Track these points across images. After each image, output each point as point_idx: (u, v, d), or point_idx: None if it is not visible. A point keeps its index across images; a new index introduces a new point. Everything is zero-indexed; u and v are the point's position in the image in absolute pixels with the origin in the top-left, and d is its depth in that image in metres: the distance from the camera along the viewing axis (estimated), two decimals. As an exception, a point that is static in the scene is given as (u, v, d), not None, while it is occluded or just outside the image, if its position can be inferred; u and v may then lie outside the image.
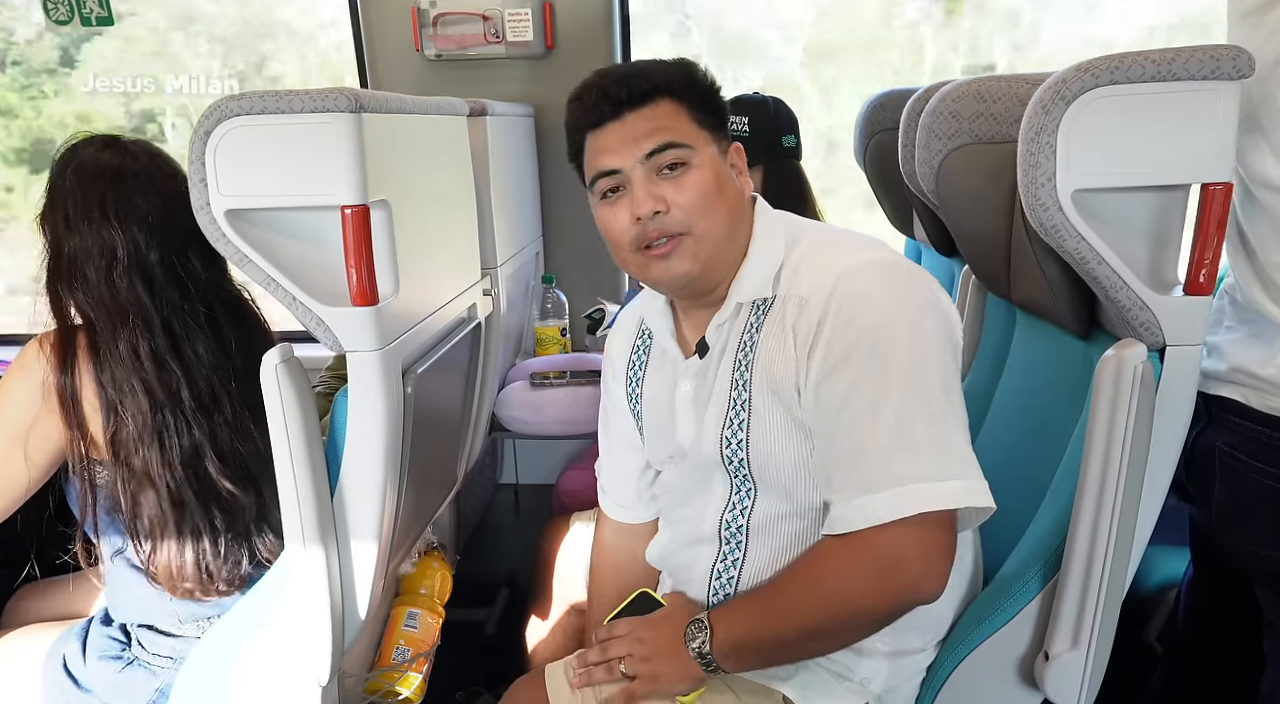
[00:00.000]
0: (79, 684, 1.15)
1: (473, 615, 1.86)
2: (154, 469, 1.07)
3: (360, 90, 0.89)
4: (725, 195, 0.93)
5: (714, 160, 0.93)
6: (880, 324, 0.85)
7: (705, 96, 0.95)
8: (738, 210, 0.95)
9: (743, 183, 0.97)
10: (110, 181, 1.07)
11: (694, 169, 0.91)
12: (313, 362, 1.02)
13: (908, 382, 0.83)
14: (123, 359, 1.05)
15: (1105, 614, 0.90)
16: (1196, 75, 0.77)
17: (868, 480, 0.83)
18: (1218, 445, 1.00)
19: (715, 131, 0.95)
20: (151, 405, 1.06)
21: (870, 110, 1.74)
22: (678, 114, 0.92)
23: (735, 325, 0.96)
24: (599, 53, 2.02)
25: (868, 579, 0.83)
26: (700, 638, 0.91)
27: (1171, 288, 0.86)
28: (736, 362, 0.95)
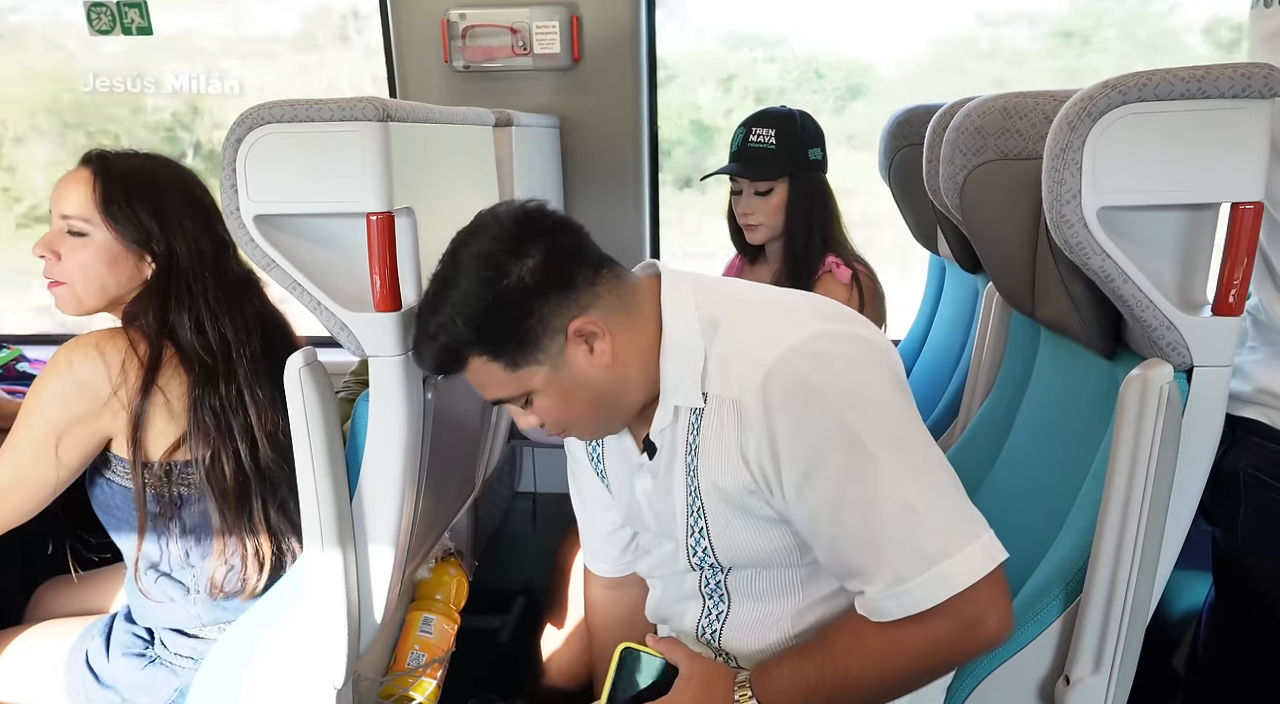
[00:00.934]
0: (100, 680, 1.17)
1: (488, 623, 1.86)
2: (215, 481, 1.10)
3: (387, 99, 0.90)
4: (582, 394, 0.88)
5: (550, 382, 0.87)
6: (829, 413, 0.79)
7: (507, 333, 0.84)
8: (606, 385, 0.88)
9: (603, 347, 0.86)
10: (201, 205, 1.13)
11: (536, 400, 0.88)
12: (336, 367, 1.03)
13: (888, 458, 0.79)
14: (227, 399, 1.09)
15: (1129, 639, 0.88)
16: (1226, 93, 0.76)
17: (898, 571, 0.78)
18: (1242, 467, 0.99)
19: (532, 355, 0.85)
20: (219, 428, 1.10)
21: (895, 125, 1.73)
22: (489, 369, 0.86)
23: (678, 428, 0.90)
24: (626, 65, 2.04)
25: (940, 649, 0.81)
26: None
27: (1199, 308, 0.85)
28: (687, 465, 0.91)
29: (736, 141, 1.65)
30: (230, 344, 1.10)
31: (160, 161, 1.15)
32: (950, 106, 1.27)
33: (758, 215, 1.63)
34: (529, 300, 0.84)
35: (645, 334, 0.89)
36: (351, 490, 1.03)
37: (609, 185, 2.12)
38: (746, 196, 1.64)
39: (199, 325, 1.09)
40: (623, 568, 1.15)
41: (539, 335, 0.85)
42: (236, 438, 1.11)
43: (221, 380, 1.09)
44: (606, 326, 0.86)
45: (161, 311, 1.09)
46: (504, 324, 0.84)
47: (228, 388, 1.09)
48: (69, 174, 1.11)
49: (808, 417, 0.80)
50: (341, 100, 0.89)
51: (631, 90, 2.05)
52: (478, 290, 0.83)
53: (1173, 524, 0.88)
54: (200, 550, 1.14)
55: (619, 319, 0.88)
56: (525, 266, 0.83)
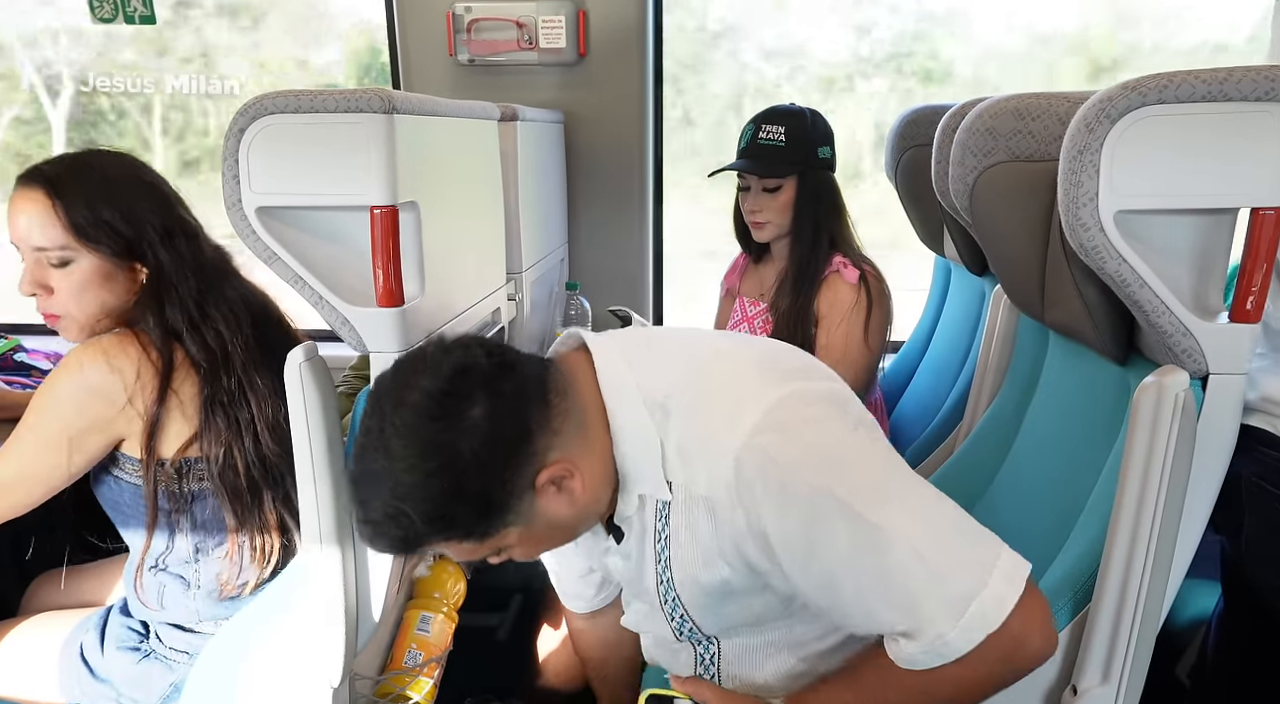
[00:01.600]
0: (95, 673, 1.16)
1: (485, 621, 1.84)
2: (228, 479, 1.08)
3: (393, 91, 0.89)
4: (557, 533, 0.83)
5: (524, 535, 0.80)
6: (812, 489, 0.74)
7: (469, 517, 0.76)
8: (582, 515, 0.82)
9: (575, 484, 0.79)
10: (157, 191, 1.09)
11: (509, 551, 0.83)
12: (336, 361, 1.02)
13: (886, 517, 0.74)
14: (231, 393, 1.07)
15: (1138, 649, 0.87)
16: (1250, 96, 0.75)
17: (934, 625, 0.75)
18: (1246, 476, 0.98)
19: (501, 522, 0.77)
20: (229, 425, 1.08)
21: (903, 126, 1.72)
22: (456, 547, 0.79)
23: (645, 514, 0.85)
24: (631, 61, 2.03)
25: (989, 680, 0.79)
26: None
27: (1216, 314, 0.84)
28: (657, 554, 0.86)
29: (745, 138, 1.64)
30: (224, 336, 1.08)
31: (99, 156, 1.09)
32: (961, 107, 1.26)
33: (765, 213, 1.62)
34: (487, 476, 0.74)
35: (599, 436, 0.81)
36: (351, 487, 1.01)
37: (613, 182, 2.11)
38: (754, 194, 1.62)
39: (193, 323, 1.07)
40: (599, 603, 1.11)
41: (505, 503, 0.76)
42: (243, 433, 1.09)
43: (224, 375, 1.07)
44: (573, 462, 0.78)
45: (161, 315, 1.06)
46: (465, 511, 0.75)
47: (230, 381, 1.08)
48: (19, 200, 1.04)
49: (790, 497, 0.75)
50: (346, 92, 0.87)
51: (637, 86, 2.04)
52: (426, 483, 0.72)
53: (1185, 533, 0.87)
54: (208, 546, 1.13)
55: (579, 443, 0.79)
56: (472, 441, 0.72)
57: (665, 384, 0.81)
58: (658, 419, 0.80)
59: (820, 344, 1.59)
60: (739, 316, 1.77)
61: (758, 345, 0.88)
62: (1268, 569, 1.00)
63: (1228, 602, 1.21)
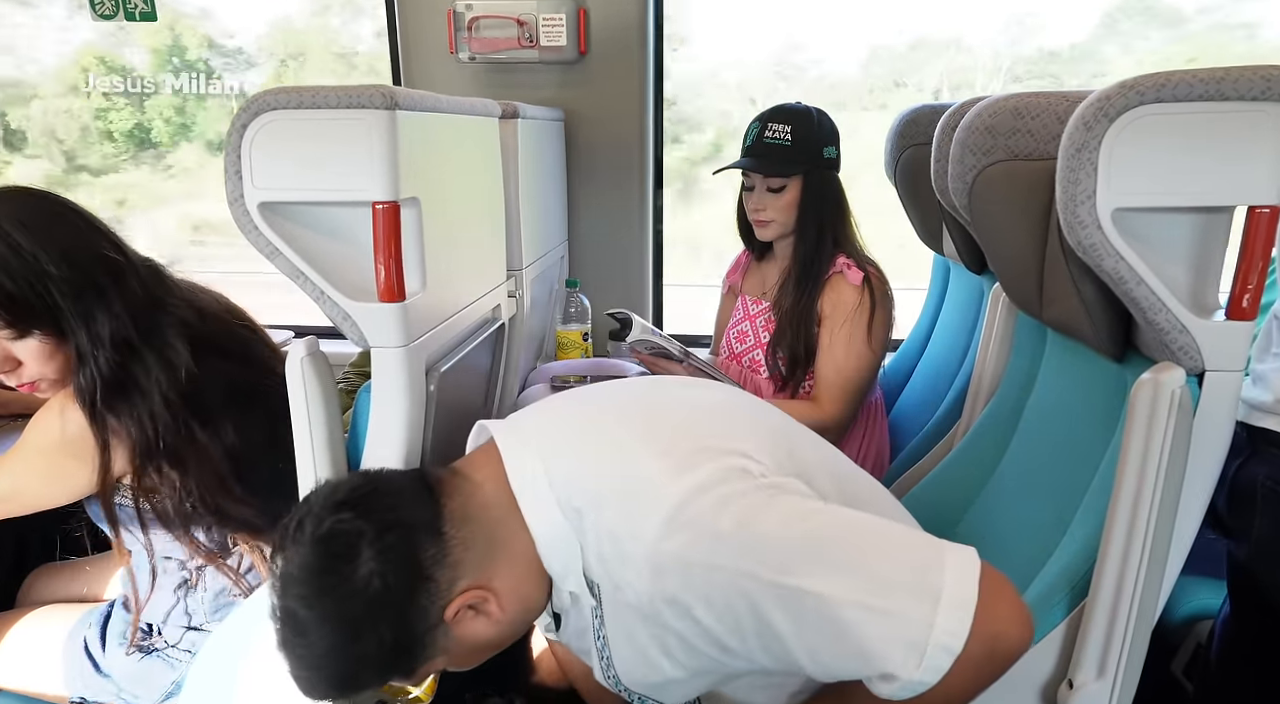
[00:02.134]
0: (98, 669, 1.16)
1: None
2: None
3: (395, 88, 0.89)
4: (486, 647, 0.84)
5: (454, 658, 0.83)
6: (736, 576, 0.72)
7: (390, 665, 0.80)
8: (508, 627, 0.83)
9: (492, 605, 0.81)
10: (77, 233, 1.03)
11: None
12: (336, 358, 1.03)
13: (818, 582, 0.72)
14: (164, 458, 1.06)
15: (1134, 644, 0.87)
16: (1246, 96, 0.76)
17: (902, 664, 0.72)
18: (1260, 479, 0.98)
19: (425, 659, 0.81)
20: (163, 479, 1.06)
21: (902, 125, 1.72)
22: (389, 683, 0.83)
23: (581, 607, 0.85)
24: (632, 60, 2.03)
25: (975, 685, 0.76)
26: None
27: (1212, 312, 0.84)
28: (599, 651, 0.86)
29: (750, 136, 1.64)
30: (153, 408, 1.03)
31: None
32: (960, 106, 1.27)
33: (769, 212, 1.62)
34: (391, 629, 0.76)
35: (520, 539, 0.80)
36: (352, 482, 1.02)
37: (613, 181, 2.11)
38: (759, 193, 1.62)
39: (112, 395, 1.02)
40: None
41: (419, 645, 0.78)
42: (187, 479, 1.07)
43: (155, 451, 1.05)
44: (485, 585, 0.79)
45: (84, 393, 1.02)
46: (379, 664, 0.78)
47: (159, 454, 1.05)
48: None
49: (720, 592, 0.73)
50: (349, 88, 0.87)
51: (637, 85, 2.04)
52: (332, 653, 0.77)
53: (1180, 529, 0.87)
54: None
55: (491, 561, 0.79)
56: (364, 602, 0.74)
57: (576, 484, 0.79)
58: (573, 522, 0.79)
59: (823, 345, 1.59)
60: (741, 314, 1.77)
61: (655, 414, 0.85)
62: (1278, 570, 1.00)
63: (1234, 605, 1.21)
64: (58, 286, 0.99)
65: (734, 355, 1.76)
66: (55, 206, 1.03)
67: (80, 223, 1.04)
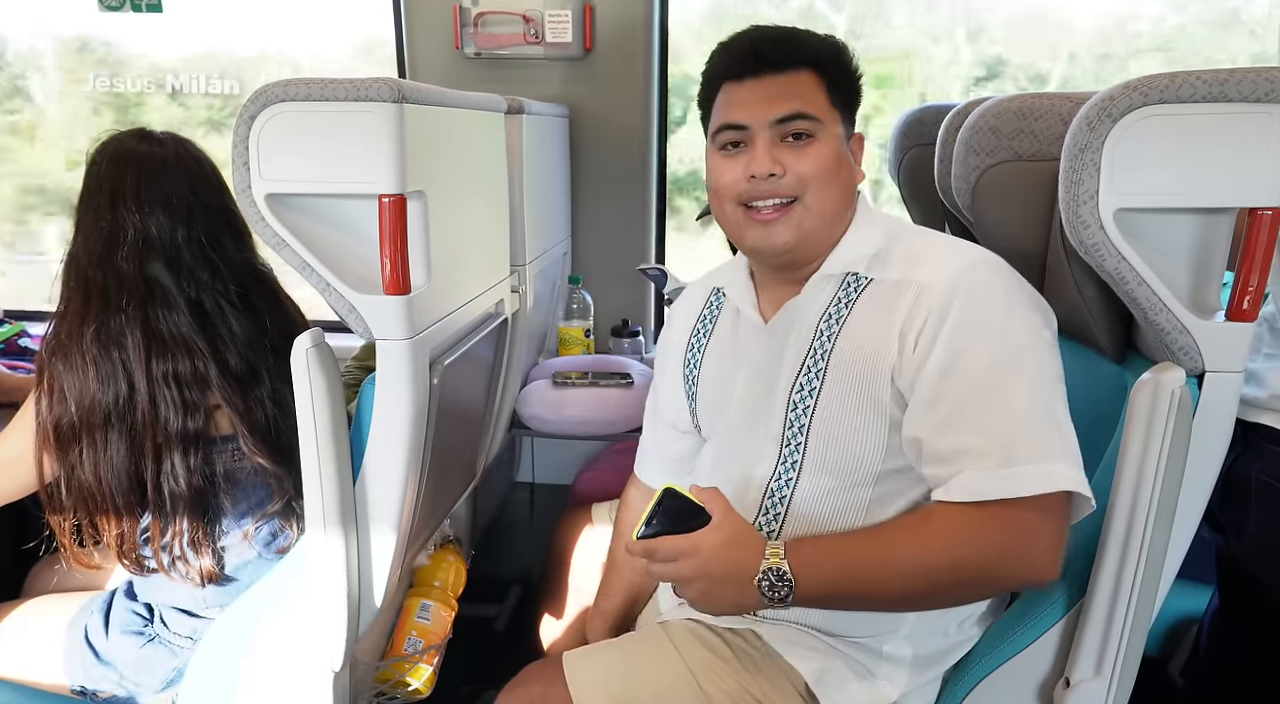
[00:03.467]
0: (99, 656, 1.16)
1: (484, 611, 1.86)
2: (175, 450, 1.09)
3: (403, 81, 0.90)
4: (839, 175, 0.95)
5: (837, 139, 0.95)
6: (1013, 317, 0.86)
7: (846, 78, 0.96)
8: (849, 193, 0.98)
9: (858, 171, 0.99)
10: (135, 168, 1.09)
11: (817, 142, 0.94)
12: (340, 351, 1.03)
13: (1042, 368, 0.85)
14: (118, 334, 1.05)
15: (1130, 643, 0.88)
16: (1250, 97, 0.76)
17: (1016, 453, 0.81)
18: (1255, 473, 0.98)
19: (845, 114, 0.97)
20: (174, 383, 1.07)
21: (906, 125, 1.72)
22: (816, 88, 0.93)
23: (818, 300, 0.97)
24: (637, 56, 2.03)
25: (1002, 552, 0.82)
26: (783, 590, 0.83)
27: (1213, 312, 0.85)
28: (818, 332, 0.96)
29: None
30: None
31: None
32: (964, 106, 1.27)
33: None
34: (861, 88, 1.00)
35: (847, 219, 0.99)
36: (355, 474, 1.02)
37: (617, 176, 2.11)
38: None
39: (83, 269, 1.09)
40: (675, 467, 1.19)
41: (855, 107, 0.99)
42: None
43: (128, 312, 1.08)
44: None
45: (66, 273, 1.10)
46: (848, 77, 0.97)
47: (162, 318, 1.09)
48: None
49: (991, 306, 0.87)
50: (356, 81, 0.88)
51: (642, 81, 2.04)
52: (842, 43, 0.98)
53: (1179, 529, 0.88)
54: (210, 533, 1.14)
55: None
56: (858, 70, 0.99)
57: (905, 227, 1.01)
58: (888, 236, 0.97)
59: None
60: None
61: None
62: (1274, 565, 1.00)
63: (1223, 601, 1.21)
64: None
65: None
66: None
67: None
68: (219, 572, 1.15)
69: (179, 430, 1.07)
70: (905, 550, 0.84)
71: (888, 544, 0.86)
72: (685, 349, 1.13)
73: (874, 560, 0.85)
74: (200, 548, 1.12)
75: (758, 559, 0.84)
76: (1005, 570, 0.83)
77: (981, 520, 0.82)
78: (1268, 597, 1.05)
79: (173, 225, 1.09)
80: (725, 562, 0.85)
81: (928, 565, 0.83)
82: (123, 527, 1.11)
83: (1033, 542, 0.81)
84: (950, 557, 0.83)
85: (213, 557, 1.14)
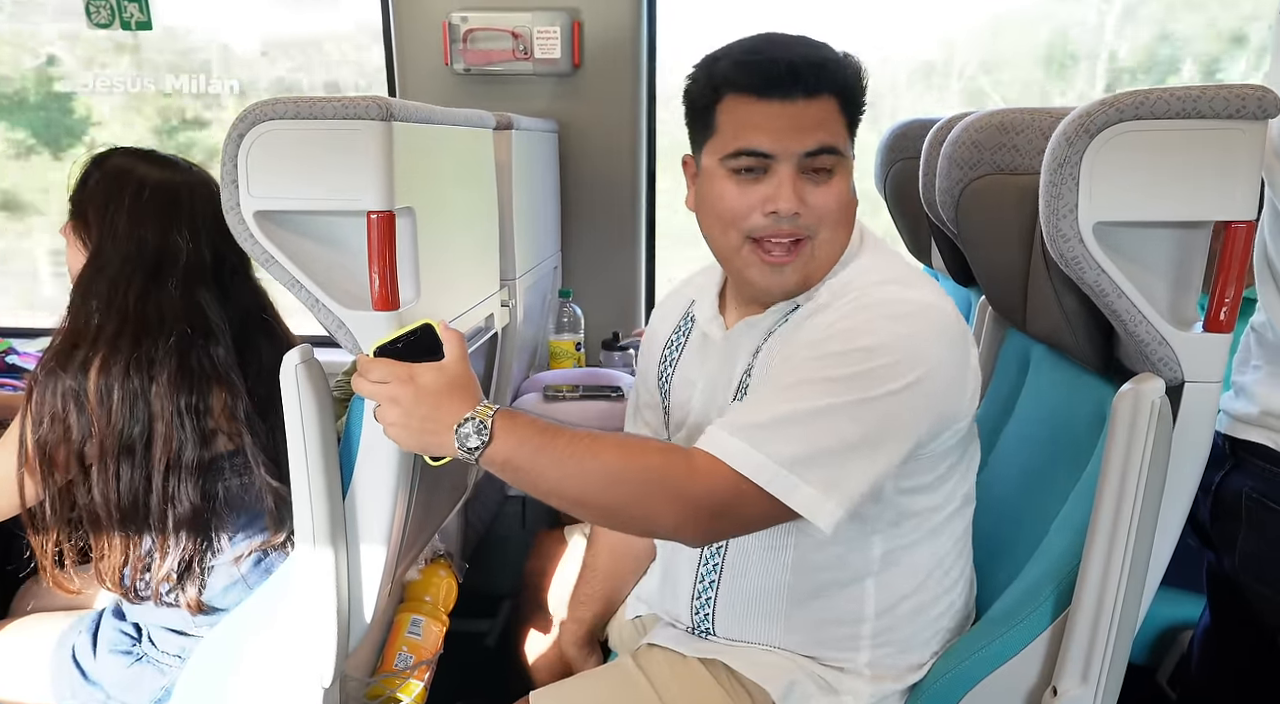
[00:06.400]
0: (87, 676, 1.16)
1: (475, 626, 1.85)
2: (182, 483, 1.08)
3: (391, 99, 0.91)
4: (851, 210, 0.93)
5: (850, 171, 0.92)
6: (878, 344, 0.82)
7: (858, 103, 0.90)
8: (853, 226, 0.95)
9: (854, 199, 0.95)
10: (172, 192, 1.08)
11: (837, 176, 0.89)
12: (330, 366, 1.03)
13: (851, 396, 0.80)
14: (155, 364, 1.03)
15: (1116, 652, 0.89)
16: (1222, 114, 0.78)
17: (748, 422, 0.81)
18: (1245, 491, 0.99)
19: (853, 139, 0.92)
20: (195, 415, 1.06)
21: (892, 138, 1.74)
22: (838, 116, 0.88)
23: (765, 323, 0.97)
24: (626, 71, 2.05)
25: (686, 496, 0.81)
26: (476, 441, 0.82)
27: (1191, 324, 0.86)
28: (755, 351, 0.96)
29: None
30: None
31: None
32: (948, 120, 1.29)
33: None
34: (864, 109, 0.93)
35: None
36: (345, 489, 1.02)
37: (606, 191, 2.13)
38: None
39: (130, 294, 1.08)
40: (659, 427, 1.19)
41: (855, 132, 0.92)
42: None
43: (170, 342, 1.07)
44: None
45: (84, 294, 1.07)
46: (861, 102, 0.91)
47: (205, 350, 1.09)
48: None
49: (858, 335, 0.83)
50: (345, 98, 0.89)
51: (631, 97, 2.06)
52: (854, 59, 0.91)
53: (1161, 538, 0.89)
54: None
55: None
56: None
57: (877, 255, 0.96)
58: (876, 264, 0.93)
59: None
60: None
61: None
62: (1263, 582, 1.01)
63: (1214, 616, 1.21)
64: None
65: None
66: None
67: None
68: (205, 603, 1.14)
69: (192, 460, 1.06)
70: (607, 453, 0.83)
71: (596, 441, 0.84)
72: (659, 361, 1.13)
73: (572, 445, 0.82)
74: (193, 576, 1.12)
75: (467, 408, 0.83)
76: (673, 509, 0.81)
77: (691, 465, 0.81)
78: (1257, 612, 1.05)
79: (220, 252, 1.08)
80: (435, 401, 0.84)
81: (610, 471, 0.82)
82: (128, 552, 1.10)
83: (716, 506, 0.81)
84: (637, 470, 0.82)
85: (199, 585, 1.13)
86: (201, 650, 1.13)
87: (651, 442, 0.91)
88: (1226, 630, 1.19)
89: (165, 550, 1.10)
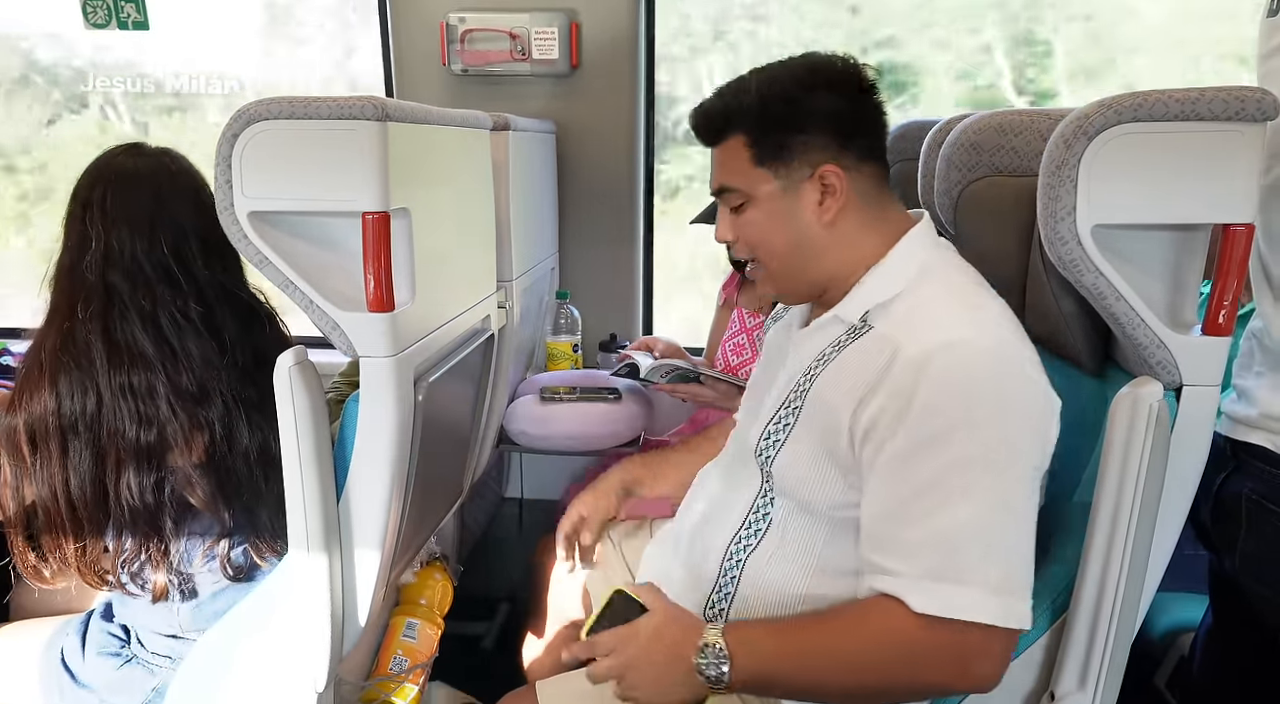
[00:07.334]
0: (76, 679, 1.15)
1: (471, 629, 1.84)
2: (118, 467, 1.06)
3: (386, 99, 0.90)
4: (786, 230, 0.94)
5: (772, 198, 0.93)
6: (973, 420, 0.80)
7: (775, 128, 0.92)
8: (806, 238, 0.94)
9: (825, 209, 0.93)
10: (105, 181, 1.08)
11: (749, 209, 0.95)
12: (325, 368, 1.03)
13: (997, 485, 0.81)
14: (84, 344, 1.04)
15: (1114, 656, 0.88)
16: (1220, 116, 0.77)
17: (958, 572, 0.80)
18: (1245, 493, 0.98)
19: (780, 165, 0.92)
20: (130, 394, 1.04)
21: (891, 140, 1.74)
22: (741, 152, 0.93)
23: (824, 334, 0.96)
24: (623, 73, 2.05)
25: (944, 667, 0.82)
26: (720, 668, 0.83)
27: (1189, 327, 0.86)
28: (810, 368, 0.95)
29: None
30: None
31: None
32: (947, 122, 1.28)
33: None
34: (808, 121, 0.91)
35: (870, 240, 0.95)
36: (339, 491, 1.02)
37: (604, 192, 2.12)
38: None
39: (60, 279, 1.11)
40: None
41: (793, 153, 0.91)
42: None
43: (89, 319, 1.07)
44: (846, 194, 0.92)
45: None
46: (778, 126, 0.91)
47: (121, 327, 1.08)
48: None
49: (948, 409, 0.81)
50: (340, 99, 0.88)
51: (629, 98, 2.06)
52: (786, 81, 0.91)
53: (1159, 542, 0.88)
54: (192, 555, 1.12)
55: (859, 202, 0.94)
56: (824, 98, 0.91)
57: (938, 269, 0.94)
58: (918, 276, 0.91)
59: None
60: (737, 327, 1.78)
61: (1006, 308, 0.97)
62: (1264, 584, 1.00)
63: (1216, 618, 1.21)
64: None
65: (729, 368, 1.77)
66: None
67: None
68: (185, 590, 1.13)
69: (133, 443, 1.05)
70: (849, 644, 0.84)
71: (834, 637, 0.84)
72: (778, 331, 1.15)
73: (819, 652, 0.84)
74: (158, 565, 1.10)
75: (696, 635, 0.84)
76: (941, 674, 0.83)
77: (928, 633, 0.81)
78: (1259, 614, 1.05)
79: (134, 238, 1.07)
80: (664, 641, 0.85)
81: (866, 669, 0.83)
82: (84, 540, 1.08)
83: (964, 656, 0.81)
84: (890, 660, 0.83)
85: (168, 574, 1.11)
86: (195, 653, 1.12)
87: (881, 622, 0.84)
88: (1229, 632, 1.19)
89: (123, 540, 1.08)
